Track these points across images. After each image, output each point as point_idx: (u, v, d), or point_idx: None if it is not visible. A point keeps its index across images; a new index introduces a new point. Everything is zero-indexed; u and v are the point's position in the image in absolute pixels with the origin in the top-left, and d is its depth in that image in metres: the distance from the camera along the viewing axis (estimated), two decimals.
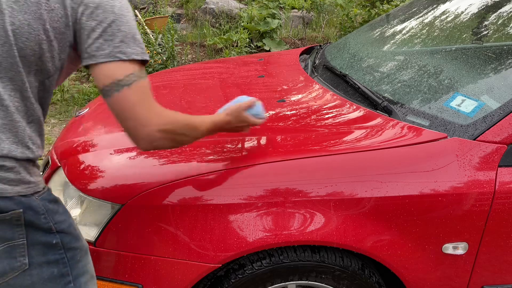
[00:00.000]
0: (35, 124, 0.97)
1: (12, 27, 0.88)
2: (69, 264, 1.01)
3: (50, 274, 0.98)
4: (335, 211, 1.24)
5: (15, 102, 0.92)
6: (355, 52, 2.09)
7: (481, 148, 1.28)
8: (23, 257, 0.94)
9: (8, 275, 0.93)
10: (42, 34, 0.91)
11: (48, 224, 0.96)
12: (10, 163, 0.91)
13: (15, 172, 0.92)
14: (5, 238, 0.91)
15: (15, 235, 0.92)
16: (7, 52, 0.89)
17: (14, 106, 0.92)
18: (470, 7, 2.05)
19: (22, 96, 0.93)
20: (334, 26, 6.34)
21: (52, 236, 0.97)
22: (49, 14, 0.91)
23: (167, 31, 4.59)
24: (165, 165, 1.33)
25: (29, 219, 0.93)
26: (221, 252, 1.23)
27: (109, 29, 0.93)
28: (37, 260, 0.96)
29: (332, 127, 1.48)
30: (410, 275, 1.32)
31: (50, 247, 0.98)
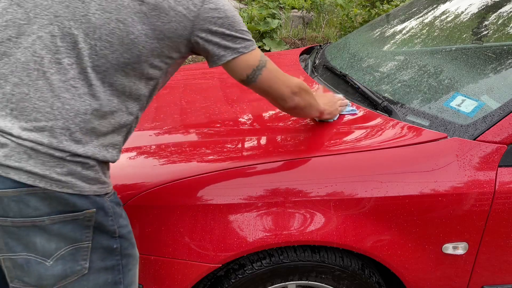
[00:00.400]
0: (127, 130, 1.00)
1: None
2: (122, 272, 1.01)
3: (104, 281, 0.98)
4: (335, 211, 1.24)
5: (111, 107, 0.93)
6: (355, 52, 2.09)
7: (481, 148, 1.28)
8: (84, 261, 0.94)
9: (68, 279, 0.93)
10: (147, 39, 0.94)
11: (113, 227, 0.97)
12: (93, 161, 0.92)
13: (95, 171, 0.93)
14: (73, 239, 0.91)
15: (83, 237, 0.92)
16: (116, 59, 0.91)
17: (110, 111, 0.93)
18: (470, 7, 2.05)
19: (120, 101, 0.95)
20: (334, 26, 6.34)
21: (114, 240, 0.98)
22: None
23: None
24: (165, 165, 1.33)
25: (99, 220, 0.94)
26: (221, 252, 1.23)
27: (226, 32, 1.02)
28: (96, 265, 0.96)
29: (332, 127, 1.47)
30: (410, 275, 1.32)
31: (109, 252, 0.98)
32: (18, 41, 0.88)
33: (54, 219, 0.89)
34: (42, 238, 0.89)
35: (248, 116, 1.61)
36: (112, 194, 1.00)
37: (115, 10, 0.90)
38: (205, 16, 0.98)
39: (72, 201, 0.90)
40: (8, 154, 0.85)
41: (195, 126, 1.56)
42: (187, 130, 1.53)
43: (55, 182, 0.87)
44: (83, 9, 0.89)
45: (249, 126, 1.54)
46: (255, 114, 1.63)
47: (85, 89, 0.90)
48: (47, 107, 0.87)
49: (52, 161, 0.87)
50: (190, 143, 1.44)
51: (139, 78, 0.96)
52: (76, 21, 0.88)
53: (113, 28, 0.90)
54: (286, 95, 1.18)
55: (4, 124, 0.86)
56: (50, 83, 0.87)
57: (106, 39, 0.90)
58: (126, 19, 0.90)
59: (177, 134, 1.53)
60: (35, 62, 0.87)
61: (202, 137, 1.47)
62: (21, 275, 0.91)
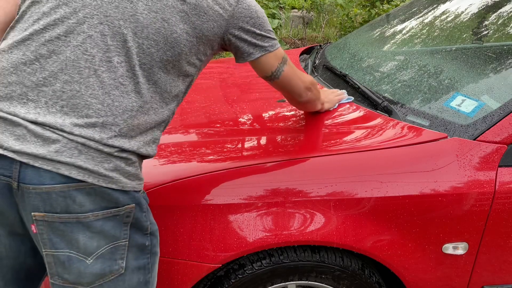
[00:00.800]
0: (165, 125, 1.05)
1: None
2: (150, 271, 1.04)
3: (138, 281, 1.01)
4: (335, 211, 1.24)
5: (153, 104, 0.98)
6: (355, 52, 2.09)
7: (481, 148, 1.28)
8: (122, 260, 0.96)
9: (105, 278, 0.95)
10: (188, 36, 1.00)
11: (146, 223, 1.01)
12: (135, 157, 0.96)
13: (135, 167, 0.97)
14: (113, 236, 0.94)
15: (121, 234, 0.95)
16: (160, 57, 0.96)
17: (152, 108, 0.98)
18: (470, 7, 2.05)
19: (161, 98, 0.99)
20: (334, 26, 6.34)
21: (146, 238, 1.01)
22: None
23: None
24: (165, 165, 1.33)
25: (136, 215, 0.97)
26: (221, 252, 1.23)
27: (256, 32, 1.10)
28: (131, 265, 0.98)
29: (332, 127, 1.48)
30: (410, 275, 1.32)
31: (141, 250, 1.01)
32: (67, 40, 0.91)
33: (97, 215, 0.91)
34: (84, 235, 0.91)
35: (248, 116, 1.61)
36: (143, 191, 1.04)
37: (160, 9, 0.94)
38: (239, 15, 1.05)
39: (115, 196, 0.93)
40: (59, 149, 0.87)
41: (195, 126, 1.56)
42: (187, 130, 1.53)
43: (103, 177, 0.90)
44: (131, 9, 0.93)
45: (249, 126, 1.54)
46: (255, 114, 1.63)
47: (132, 87, 0.94)
48: (98, 104, 0.90)
49: (101, 157, 0.90)
50: (190, 143, 1.44)
51: (178, 75, 1.01)
52: (125, 21, 0.92)
53: (158, 27, 0.94)
54: (302, 90, 1.32)
55: (54, 121, 0.89)
56: (101, 81, 0.91)
57: (153, 38, 0.94)
58: (170, 19, 0.95)
59: (177, 134, 1.53)
60: (86, 61, 0.90)
61: (202, 137, 1.47)
62: (61, 272, 0.93)
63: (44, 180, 0.87)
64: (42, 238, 0.91)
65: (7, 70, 0.91)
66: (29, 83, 0.90)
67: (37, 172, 0.87)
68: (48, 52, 0.90)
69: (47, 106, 0.89)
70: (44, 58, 0.90)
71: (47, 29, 0.91)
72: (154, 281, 1.06)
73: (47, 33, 0.91)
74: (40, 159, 0.87)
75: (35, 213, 0.89)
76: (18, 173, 0.87)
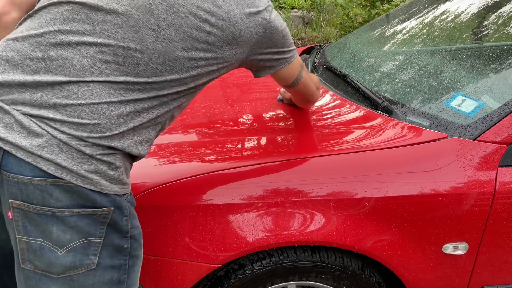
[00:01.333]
0: (161, 127, 1.05)
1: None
2: (128, 272, 1.04)
3: (110, 278, 1.01)
4: (335, 211, 1.24)
5: (151, 107, 0.99)
6: (355, 52, 2.09)
7: (481, 148, 1.28)
8: (94, 256, 0.97)
9: (76, 270, 0.96)
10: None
11: (127, 227, 1.01)
12: (119, 162, 0.97)
13: (119, 172, 0.97)
14: (88, 233, 0.95)
15: (97, 232, 0.96)
16: (170, 77, 0.97)
17: (148, 110, 0.99)
18: (470, 7, 2.05)
19: (160, 102, 1.00)
20: (334, 26, 6.34)
21: (125, 240, 1.01)
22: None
23: None
24: (165, 165, 1.33)
25: (115, 218, 0.97)
26: (221, 252, 1.23)
27: (275, 49, 1.13)
28: (104, 262, 0.99)
29: (332, 127, 1.47)
30: (410, 275, 1.32)
31: (119, 251, 1.01)
32: (78, 48, 0.92)
33: (73, 212, 0.92)
34: (58, 228, 0.92)
35: (248, 116, 1.61)
36: (129, 194, 1.04)
37: (182, 40, 0.96)
38: (265, 39, 1.08)
39: (93, 197, 0.93)
40: (42, 144, 0.89)
41: (195, 126, 1.56)
42: (187, 130, 1.53)
43: (81, 177, 0.91)
44: (151, 37, 0.94)
45: (249, 126, 1.54)
46: (255, 114, 1.63)
47: (132, 97, 0.95)
48: (92, 107, 0.91)
49: (81, 158, 0.91)
50: (190, 143, 1.44)
51: (181, 85, 1.02)
52: (142, 45, 0.94)
53: (177, 55, 0.96)
54: (314, 91, 1.38)
55: (46, 114, 0.90)
56: (102, 89, 0.92)
57: (169, 64, 0.96)
58: (190, 48, 0.97)
59: (177, 134, 1.53)
60: (91, 73, 0.92)
61: (202, 137, 1.47)
62: (33, 258, 0.95)
63: (24, 171, 0.89)
64: (17, 224, 0.93)
65: (15, 61, 0.93)
66: (31, 79, 0.91)
67: (18, 162, 0.89)
68: (56, 55, 0.92)
69: (42, 100, 0.90)
70: (51, 60, 0.92)
71: (61, 33, 0.93)
72: (132, 282, 1.06)
73: (60, 37, 0.93)
74: (22, 150, 0.88)
75: (12, 200, 0.91)
76: (1, 159, 0.89)
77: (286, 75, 1.22)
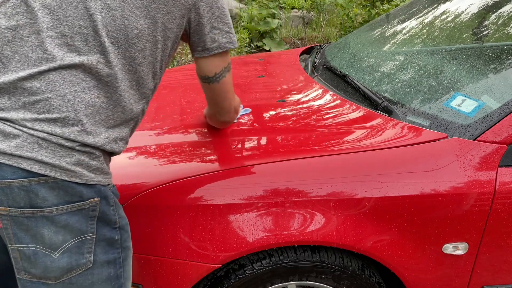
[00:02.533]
0: (134, 123, 1.04)
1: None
2: (123, 265, 1.04)
3: (108, 275, 1.00)
4: (335, 211, 1.24)
5: (119, 100, 0.98)
6: (355, 52, 2.09)
7: (481, 148, 1.28)
8: (89, 253, 0.97)
9: (74, 271, 0.95)
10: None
11: (114, 217, 1.01)
12: (99, 152, 0.96)
13: (100, 162, 0.97)
14: (80, 230, 0.94)
15: (88, 228, 0.95)
16: (122, 54, 0.96)
17: (118, 104, 0.98)
18: (470, 7, 2.05)
19: (128, 94, 0.99)
20: (334, 26, 6.33)
21: (115, 231, 1.01)
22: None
23: None
24: (165, 165, 1.33)
25: (102, 209, 0.97)
26: (221, 252, 1.23)
27: (218, 21, 1.09)
28: (100, 259, 0.98)
29: (332, 127, 1.47)
30: (410, 275, 1.32)
31: (111, 244, 1.00)
32: (29, 40, 0.91)
33: (61, 209, 0.92)
34: (49, 230, 0.92)
35: (248, 116, 1.61)
36: (112, 185, 1.04)
37: (119, 7, 0.94)
38: (201, 4, 1.05)
39: (79, 190, 0.93)
40: (20, 144, 0.88)
41: (195, 126, 1.56)
42: (187, 130, 1.53)
43: (65, 171, 0.91)
44: (90, 8, 0.93)
45: (249, 126, 1.54)
46: (255, 114, 1.63)
47: (94, 82, 0.94)
48: (59, 100, 0.91)
49: (62, 151, 0.91)
50: (190, 143, 1.44)
51: (147, 73, 1.01)
52: (85, 21, 0.93)
53: (118, 25, 0.95)
54: (230, 108, 1.27)
55: (17, 116, 0.90)
56: (62, 77, 0.91)
57: (113, 36, 0.94)
58: (129, 15, 0.95)
59: (177, 134, 1.53)
60: (46, 60, 0.91)
61: (202, 137, 1.47)
62: (28, 266, 0.94)
63: (6, 175, 0.88)
64: (7, 233, 0.92)
65: None
66: None
67: None
68: (12, 52, 0.91)
69: (11, 102, 0.90)
70: (8, 58, 0.91)
71: (10, 29, 0.92)
72: (127, 275, 1.06)
73: (9, 34, 0.92)
74: (2, 154, 0.88)
75: None
76: None
77: (211, 64, 1.14)
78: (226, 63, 1.16)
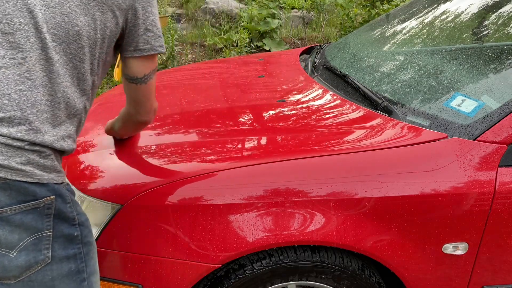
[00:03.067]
0: (78, 120, 1.04)
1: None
2: (84, 260, 1.03)
3: (68, 270, 1.00)
4: (335, 211, 1.24)
5: (64, 98, 0.98)
6: (355, 52, 2.09)
7: (481, 148, 1.28)
8: (47, 250, 0.96)
9: (32, 269, 0.95)
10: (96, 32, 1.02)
11: (72, 214, 1.00)
12: (49, 150, 0.96)
13: (51, 160, 0.96)
14: (35, 228, 0.94)
15: (44, 226, 0.95)
16: (63, 50, 0.97)
17: (64, 102, 0.98)
18: (470, 7, 2.05)
19: (71, 91, 0.99)
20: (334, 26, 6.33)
21: (74, 228, 1.00)
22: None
23: (167, 31, 4.59)
24: (165, 165, 1.33)
25: (58, 207, 0.96)
26: (221, 252, 1.23)
27: (152, 24, 1.12)
28: (58, 254, 0.98)
29: (332, 127, 1.47)
30: (410, 275, 1.32)
31: (70, 240, 1.00)
32: None
33: (15, 209, 0.91)
34: (4, 230, 0.91)
35: (248, 116, 1.61)
36: (67, 183, 1.03)
37: (58, 4, 0.95)
38: (138, 5, 1.07)
39: (32, 189, 0.92)
40: None
41: (195, 126, 1.56)
42: (187, 130, 1.53)
43: (15, 171, 0.90)
44: (29, 5, 0.93)
45: (249, 126, 1.54)
46: (255, 114, 1.63)
47: (39, 81, 0.94)
48: (4, 99, 0.90)
49: (11, 151, 0.90)
50: (190, 143, 1.44)
51: (87, 69, 1.02)
52: (25, 18, 0.93)
53: (59, 21, 0.95)
54: (151, 109, 1.27)
55: None
56: (6, 77, 0.91)
57: (53, 32, 0.95)
58: (69, 12, 0.96)
59: (177, 134, 1.53)
60: None
61: (202, 137, 1.47)
62: None
63: None
64: None
65: None
66: None
67: None
68: None
69: None
70: None
71: None
72: (91, 270, 1.05)
73: None
74: None
75: None
76: None
77: (143, 65, 1.15)
78: (155, 65, 1.19)
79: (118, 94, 2.06)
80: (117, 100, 1.90)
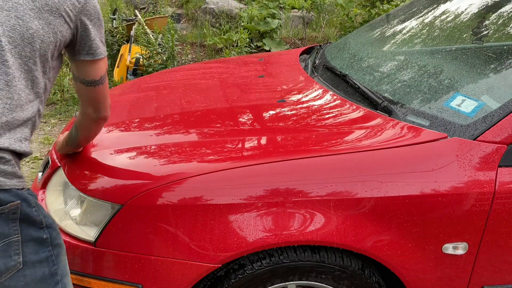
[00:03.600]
0: (32, 123, 1.04)
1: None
2: (56, 262, 1.03)
3: (42, 274, 0.99)
4: (335, 211, 1.24)
5: (18, 100, 0.98)
6: (355, 52, 2.09)
7: (481, 148, 1.28)
8: (17, 255, 0.95)
9: (4, 275, 0.94)
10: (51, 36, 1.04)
11: (39, 217, 0.99)
12: (9, 156, 0.95)
13: (11, 165, 0.96)
14: (2, 234, 0.93)
15: (11, 231, 0.94)
16: (19, 53, 0.97)
17: (18, 105, 0.98)
18: (470, 7, 2.05)
19: (25, 94, 0.99)
20: (334, 26, 6.33)
21: (43, 231, 1.00)
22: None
23: (167, 31, 4.58)
24: (165, 165, 1.33)
25: (24, 211, 0.96)
26: (221, 252, 1.23)
27: (101, 31, 1.16)
28: (30, 259, 0.97)
29: (332, 127, 1.47)
30: (410, 275, 1.32)
31: (40, 244, 0.99)
32: None
33: None
34: None
35: (248, 116, 1.61)
36: (27, 188, 1.02)
37: (12, 8, 0.96)
38: (87, 12, 1.11)
39: None
40: None
41: (195, 126, 1.56)
42: (187, 130, 1.53)
43: None
44: None
45: (249, 126, 1.54)
46: (255, 114, 1.63)
47: None
48: None
49: None
50: (190, 143, 1.44)
51: (40, 72, 1.03)
52: None
53: (13, 24, 0.96)
54: (109, 104, 1.29)
55: None
56: None
57: (9, 35, 0.96)
58: (23, 16, 0.97)
59: (177, 134, 1.53)
60: None
61: (202, 137, 1.48)
62: None
63: None
64: None
65: None
66: None
67: None
68: None
69: None
70: None
71: None
72: (63, 272, 1.05)
73: None
74: None
75: None
76: None
77: (99, 68, 1.18)
78: (107, 65, 1.22)
79: (118, 94, 2.06)
80: (117, 100, 1.90)
